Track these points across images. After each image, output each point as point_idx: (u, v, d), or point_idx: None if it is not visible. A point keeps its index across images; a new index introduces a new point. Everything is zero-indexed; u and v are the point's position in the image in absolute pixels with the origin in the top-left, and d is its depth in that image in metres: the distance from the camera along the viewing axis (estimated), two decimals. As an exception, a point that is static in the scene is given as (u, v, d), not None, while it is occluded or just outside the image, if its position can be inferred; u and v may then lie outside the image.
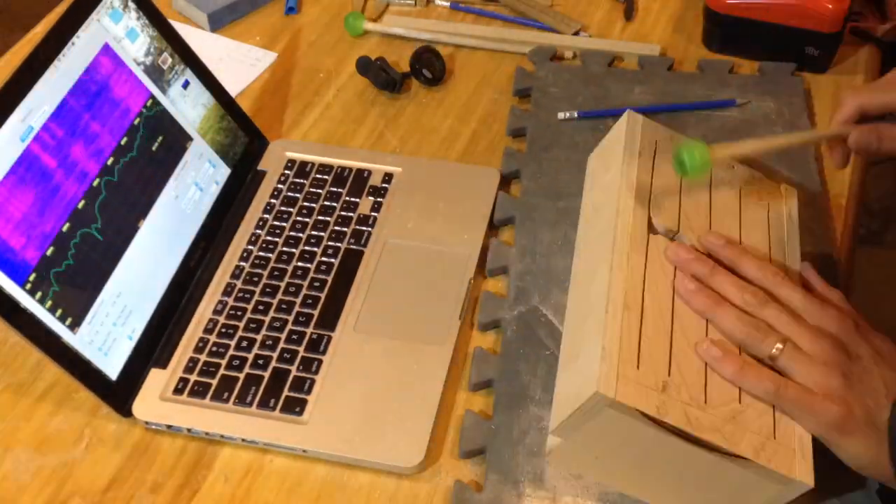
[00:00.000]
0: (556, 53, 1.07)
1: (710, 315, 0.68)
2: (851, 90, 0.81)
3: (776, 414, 0.65)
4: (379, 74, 1.04)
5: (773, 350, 0.65)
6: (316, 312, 0.82)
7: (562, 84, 1.03)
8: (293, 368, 0.78)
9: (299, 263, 0.86)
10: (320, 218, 0.90)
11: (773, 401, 0.65)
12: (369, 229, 0.89)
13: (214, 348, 0.80)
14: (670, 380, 0.64)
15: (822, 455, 0.65)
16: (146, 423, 0.76)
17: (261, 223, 0.90)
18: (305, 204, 0.91)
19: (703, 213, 0.75)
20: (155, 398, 0.77)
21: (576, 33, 1.10)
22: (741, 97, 0.99)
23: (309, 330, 0.81)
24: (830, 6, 0.99)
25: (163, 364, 0.79)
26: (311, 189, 0.93)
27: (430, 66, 1.05)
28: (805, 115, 0.98)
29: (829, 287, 0.72)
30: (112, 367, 0.77)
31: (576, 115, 0.98)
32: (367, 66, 1.05)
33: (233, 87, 1.02)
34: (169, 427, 0.76)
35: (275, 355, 0.79)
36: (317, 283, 0.84)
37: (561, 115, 0.98)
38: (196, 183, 0.88)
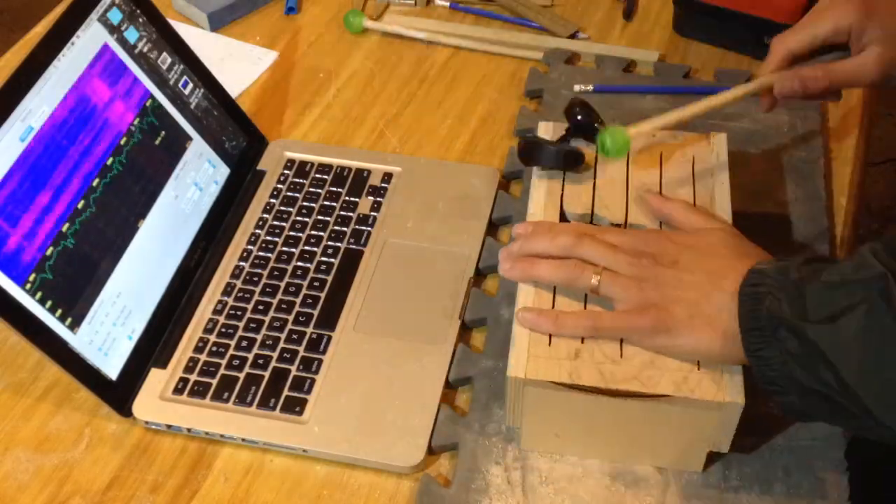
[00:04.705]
0: (571, 56, 1.07)
1: (532, 278, 0.70)
2: (778, 36, 0.79)
3: None
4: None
5: (593, 281, 0.67)
6: (316, 312, 0.82)
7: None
8: (293, 368, 0.78)
9: (299, 263, 0.86)
10: (320, 218, 0.90)
11: (596, 335, 0.67)
12: (369, 229, 0.89)
13: (214, 348, 0.80)
14: (584, 346, 0.67)
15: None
16: (146, 422, 0.76)
17: (260, 223, 0.90)
18: (305, 204, 0.91)
19: (618, 188, 0.78)
20: (155, 398, 0.77)
21: (572, 35, 1.10)
22: (756, 108, 0.97)
23: (309, 329, 0.81)
24: None
25: (163, 364, 0.79)
26: (311, 189, 0.93)
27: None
28: (818, 128, 0.96)
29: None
30: (112, 366, 0.77)
31: (591, 88, 1.02)
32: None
33: (233, 87, 1.02)
34: (169, 427, 0.76)
35: (275, 355, 0.79)
36: (316, 283, 0.84)
37: (577, 88, 1.02)
38: (195, 183, 0.88)
